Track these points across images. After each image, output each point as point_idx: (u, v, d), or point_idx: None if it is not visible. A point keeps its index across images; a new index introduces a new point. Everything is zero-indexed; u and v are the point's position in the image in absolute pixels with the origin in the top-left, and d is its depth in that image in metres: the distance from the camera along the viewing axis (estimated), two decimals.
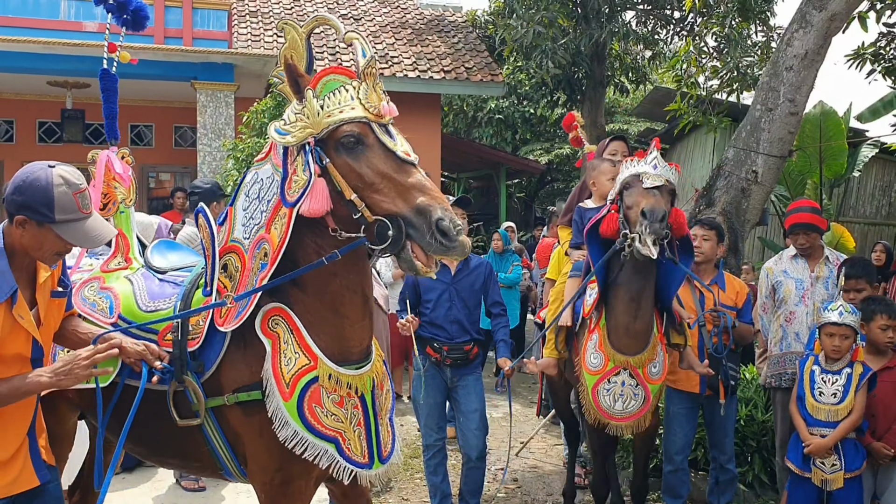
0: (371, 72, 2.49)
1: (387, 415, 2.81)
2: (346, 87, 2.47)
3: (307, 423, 2.56)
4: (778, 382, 4.73)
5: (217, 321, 2.64)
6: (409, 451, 6.42)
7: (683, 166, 13.77)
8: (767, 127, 5.92)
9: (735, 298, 4.69)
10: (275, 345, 2.59)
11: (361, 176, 2.42)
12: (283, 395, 2.55)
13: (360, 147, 2.43)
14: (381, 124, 2.48)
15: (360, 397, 2.67)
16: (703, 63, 8.26)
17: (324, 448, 2.58)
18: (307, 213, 2.44)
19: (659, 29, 14.75)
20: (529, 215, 19.07)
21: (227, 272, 2.67)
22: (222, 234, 2.72)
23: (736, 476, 4.77)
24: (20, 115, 12.04)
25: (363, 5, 16.02)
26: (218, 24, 11.56)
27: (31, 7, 10.59)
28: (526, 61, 13.46)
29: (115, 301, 2.92)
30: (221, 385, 2.66)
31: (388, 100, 2.52)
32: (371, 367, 2.72)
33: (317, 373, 2.58)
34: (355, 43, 2.53)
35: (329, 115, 2.44)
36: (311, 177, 2.44)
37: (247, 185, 2.70)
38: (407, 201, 2.36)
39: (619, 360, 4.03)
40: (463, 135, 18.20)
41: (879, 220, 12.53)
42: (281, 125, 2.53)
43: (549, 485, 5.70)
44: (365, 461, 2.66)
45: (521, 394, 8.87)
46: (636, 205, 3.72)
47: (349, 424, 2.63)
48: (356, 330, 2.66)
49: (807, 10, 5.83)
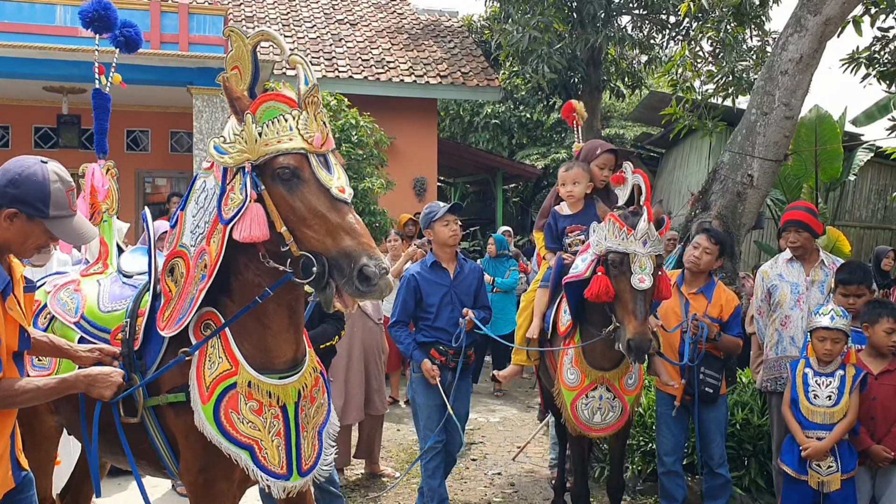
0: (313, 100, 2.47)
1: (314, 429, 2.80)
2: (286, 117, 2.45)
3: (222, 428, 2.59)
4: (774, 386, 4.73)
5: (159, 325, 2.69)
6: (406, 455, 6.41)
7: (679, 170, 13.83)
8: (763, 131, 5.93)
9: (720, 311, 4.67)
10: (202, 349, 2.64)
11: (294, 210, 2.43)
12: (202, 398, 2.60)
13: (296, 180, 2.43)
14: (319, 155, 2.47)
15: (282, 408, 2.67)
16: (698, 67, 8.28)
17: (237, 454, 2.60)
18: (240, 238, 2.45)
19: (654, 34, 14.81)
20: (526, 220, 19.07)
21: (174, 276, 2.71)
22: (173, 236, 2.77)
23: (729, 481, 4.75)
24: (16, 121, 12.02)
25: (359, 10, 16.04)
26: (214, 30, 11.54)
27: (27, 13, 10.56)
28: (522, 66, 13.49)
29: (82, 302, 3.03)
30: (159, 385, 2.71)
31: (329, 131, 2.52)
32: (299, 378, 2.72)
33: (236, 379, 2.61)
34: (299, 68, 2.51)
35: (267, 143, 2.44)
36: (247, 200, 2.44)
37: (196, 192, 2.72)
38: (335, 242, 2.37)
39: (595, 376, 4.13)
40: (459, 139, 18.21)
41: (875, 223, 12.56)
42: (220, 142, 2.53)
43: (545, 489, 5.69)
44: (282, 472, 2.66)
45: (518, 398, 8.87)
46: (624, 304, 3.79)
47: (267, 433, 2.63)
48: (279, 341, 2.67)
49: (801, 15, 5.85)
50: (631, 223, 3.81)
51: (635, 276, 3.73)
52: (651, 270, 3.74)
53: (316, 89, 2.47)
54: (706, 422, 4.66)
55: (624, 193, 4.18)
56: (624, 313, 3.78)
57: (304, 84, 2.48)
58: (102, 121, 3.52)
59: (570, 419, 4.20)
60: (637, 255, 3.74)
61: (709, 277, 4.77)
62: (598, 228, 4.01)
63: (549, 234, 4.73)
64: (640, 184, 4.02)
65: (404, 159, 13.00)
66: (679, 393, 4.60)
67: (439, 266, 4.67)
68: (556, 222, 4.67)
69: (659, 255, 3.83)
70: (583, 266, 4.10)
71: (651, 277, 3.74)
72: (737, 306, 4.75)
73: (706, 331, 4.50)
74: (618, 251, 3.81)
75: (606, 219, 3.91)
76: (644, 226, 3.77)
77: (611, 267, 3.85)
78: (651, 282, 3.73)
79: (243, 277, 2.62)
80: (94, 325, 2.93)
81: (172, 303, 2.68)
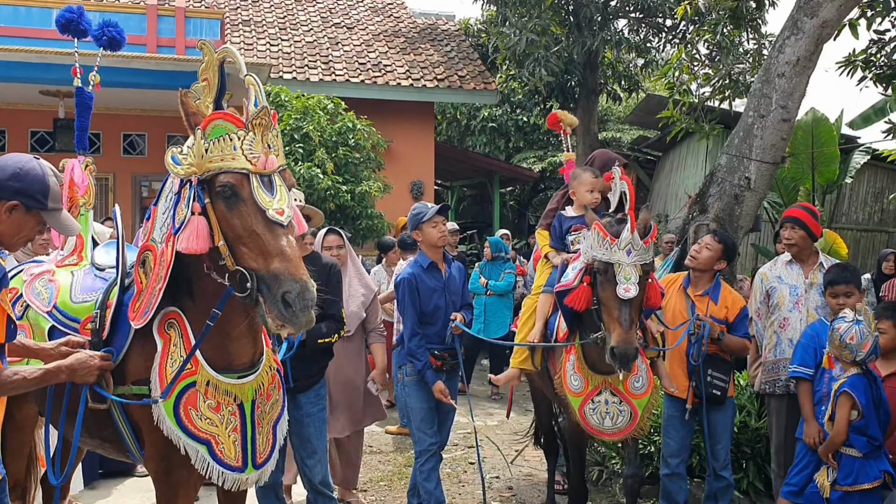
0: (260, 122, 2.52)
1: (269, 424, 2.93)
2: (231, 136, 2.51)
3: (181, 424, 2.71)
4: (772, 389, 4.73)
5: (130, 315, 2.80)
6: (404, 459, 6.40)
7: (676, 173, 13.83)
8: (760, 133, 5.93)
9: (726, 312, 4.68)
10: (165, 346, 2.75)
11: (232, 227, 2.51)
12: None
13: (235, 199, 2.50)
14: (263, 176, 2.52)
15: (240, 405, 2.80)
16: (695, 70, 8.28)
17: (195, 448, 2.72)
18: (183, 249, 2.54)
19: (651, 37, 14.83)
20: (523, 223, 19.07)
21: (145, 268, 2.80)
22: (146, 229, 2.87)
23: (731, 484, 4.75)
24: (12, 125, 12.00)
25: (356, 14, 16.05)
26: (211, 33, 11.55)
27: (23, 16, 10.56)
28: (519, 69, 13.50)
29: (55, 292, 3.16)
30: (125, 375, 2.83)
31: (276, 153, 2.56)
32: (256, 377, 2.85)
33: (196, 378, 2.73)
34: (251, 89, 2.56)
35: (211, 160, 2.52)
36: (188, 213, 2.54)
37: (166, 191, 2.81)
38: (265, 263, 2.44)
39: (597, 381, 4.13)
40: (456, 143, 18.21)
41: (872, 226, 12.58)
42: (178, 153, 2.62)
43: (543, 492, 5.68)
44: (238, 465, 2.79)
45: (517, 402, 8.84)
46: (609, 312, 3.79)
47: (224, 429, 2.76)
48: (237, 346, 2.80)
49: (798, 18, 5.86)
50: (615, 232, 3.80)
51: (620, 286, 3.72)
52: (636, 280, 3.73)
53: (265, 112, 2.53)
54: (713, 424, 4.64)
55: (613, 200, 4.18)
56: (609, 321, 3.78)
57: (254, 105, 2.54)
58: (84, 118, 3.64)
59: (580, 426, 4.18)
60: (621, 265, 3.74)
61: (713, 279, 4.77)
62: (586, 236, 4.01)
63: (554, 234, 4.77)
64: (625, 191, 4.04)
65: (401, 162, 13.00)
66: (690, 395, 4.59)
67: (435, 267, 4.66)
68: (560, 224, 4.70)
69: (646, 263, 3.81)
70: (572, 275, 4.12)
71: (636, 287, 3.72)
72: (743, 307, 4.74)
73: (708, 329, 4.49)
74: (602, 260, 3.81)
75: (592, 227, 3.91)
76: (627, 235, 3.76)
77: (597, 275, 3.86)
78: (636, 290, 3.72)
79: (203, 284, 2.71)
80: (66, 315, 3.06)
81: (143, 295, 2.78)
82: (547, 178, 18.25)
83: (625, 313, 3.72)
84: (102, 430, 2.97)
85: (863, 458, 3.87)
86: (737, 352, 4.74)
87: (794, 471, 4.27)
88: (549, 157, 17.76)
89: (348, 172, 9.86)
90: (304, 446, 4.22)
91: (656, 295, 4.04)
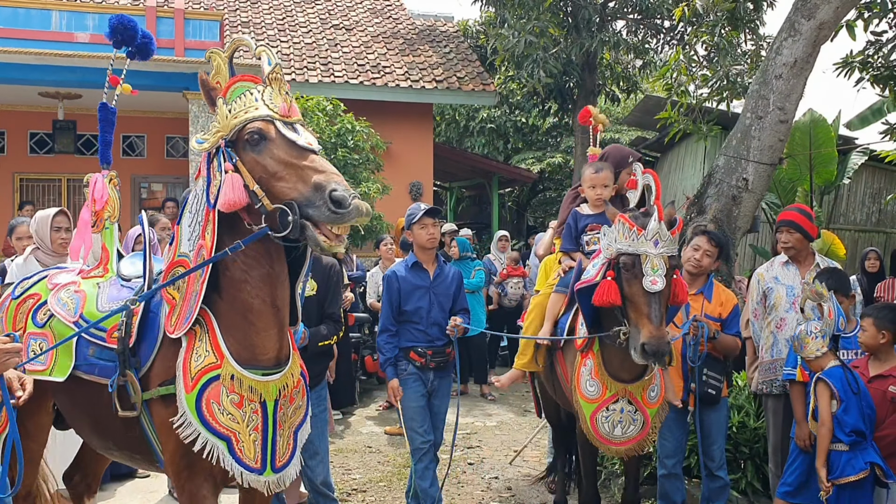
0: (276, 77, 2.65)
1: (291, 429, 2.90)
2: (252, 91, 2.65)
3: (202, 417, 2.68)
4: (769, 389, 4.74)
5: (167, 329, 2.79)
6: (404, 460, 6.41)
7: (675, 174, 13.85)
8: (757, 135, 5.94)
9: (720, 310, 4.65)
10: (191, 341, 2.75)
11: (265, 167, 2.57)
12: (186, 387, 2.70)
13: (264, 142, 2.58)
14: (286, 122, 2.62)
15: (262, 403, 2.75)
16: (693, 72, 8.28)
17: (214, 443, 2.69)
18: (222, 206, 2.59)
19: (649, 38, 14.85)
20: (522, 224, 19.09)
21: (176, 285, 2.81)
22: (171, 251, 2.88)
23: (727, 484, 4.74)
24: (11, 126, 12.02)
25: (355, 15, 16.07)
26: (210, 35, 11.55)
27: (23, 18, 10.55)
28: (517, 71, 13.51)
29: (81, 303, 3.17)
30: (150, 380, 2.84)
31: (293, 101, 2.69)
32: (281, 377, 2.81)
33: (220, 371, 2.71)
34: (263, 55, 2.67)
35: (235, 116, 2.62)
36: (222, 174, 2.61)
37: (190, 203, 2.85)
38: (305, 182, 2.48)
39: (618, 388, 3.96)
40: (455, 144, 18.23)
41: (870, 227, 12.60)
42: (202, 135, 2.72)
43: (542, 493, 5.70)
44: (256, 466, 2.75)
45: (514, 403, 8.87)
46: (637, 307, 3.62)
47: (245, 426, 2.73)
48: (263, 338, 2.76)
49: (795, 19, 5.87)
50: (641, 223, 3.67)
51: (647, 279, 3.56)
52: (664, 272, 3.58)
53: (279, 68, 2.65)
54: (707, 424, 4.64)
55: (635, 195, 4.07)
56: (638, 317, 3.60)
57: (268, 64, 2.66)
58: (107, 133, 3.63)
59: (589, 432, 4.05)
60: (649, 256, 3.59)
61: (707, 278, 4.75)
62: (608, 232, 3.86)
63: (567, 234, 4.61)
64: (650, 184, 3.92)
65: (400, 164, 13.02)
66: (689, 397, 4.58)
67: (420, 267, 4.67)
68: (576, 222, 4.55)
69: (673, 255, 3.67)
70: (593, 271, 3.97)
71: (664, 279, 3.57)
72: (735, 305, 4.74)
73: (707, 330, 4.44)
74: (629, 252, 3.65)
75: (616, 220, 3.77)
76: (655, 225, 3.61)
77: (622, 270, 3.69)
78: (664, 283, 3.57)
79: (230, 273, 2.72)
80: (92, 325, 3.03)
81: (178, 308, 2.77)
82: (546, 179, 18.28)
83: (654, 308, 3.55)
84: (130, 440, 2.94)
85: (848, 450, 3.89)
86: (728, 350, 4.68)
87: (788, 470, 4.29)
88: (547, 158, 17.79)
89: (347, 174, 9.87)
90: (305, 447, 4.21)
91: (683, 291, 3.89)
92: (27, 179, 12.11)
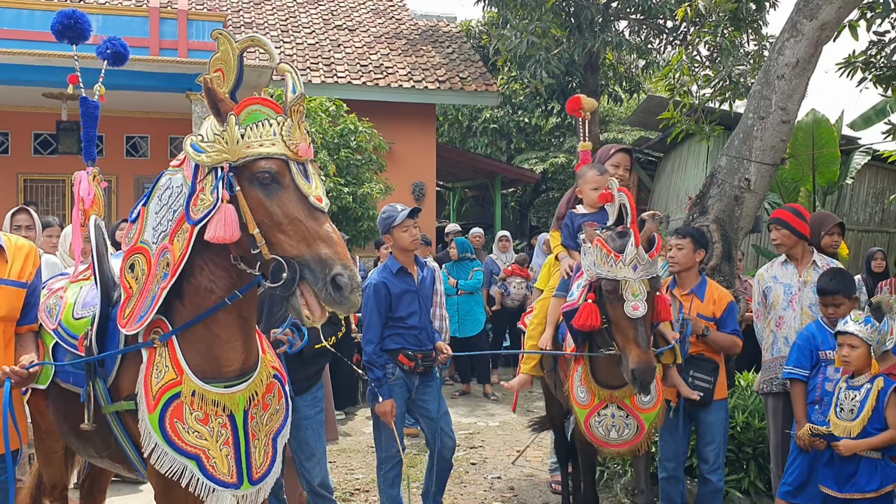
0: (298, 109, 2.47)
1: (268, 436, 2.79)
2: (271, 121, 2.45)
3: (167, 437, 2.59)
4: (770, 388, 4.74)
5: (119, 322, 2.68)
6: (406, 460, 6.40)
7: (677, 174, 13.84)
8: (760, 135, 5.94)
9: (714, 308, 4.62)
10: (151, 357, 2.64)
11: (271, 214, 2.43)
12: (149, 406, 2.61)
13: (275, 185, 2.43)
14: (299, 163, 2.47)
15: (230, 416, 2.66)
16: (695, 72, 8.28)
17: (183, 464, 2.60)
18: (213, 239, 2.43)
19: (652, 38, 14.84)
20: (524, 224, 19.10)
21: (134, 273, 2.70)
22: (133, 232, 2.76)
23: (720, 489, 4.64)
24: (15, 127, 12.05)
25: (358, 16, 16.09)
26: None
27: (26, 19, 10.58)
28: (520, 71, 13.52)
29: (62, 309, 3.07)
30: (119, 390, 2.75)
31: (310, 141, 2.52)
32: (248, 385, 2.70)
33: (181, 388, 2.60)
34: (287, 76, 2.51)
35: (248, 146, 2.43)
36: (218, 202, 2.44)
37: (160, 189, 2.72)
38: (311, 248, 2.37)
39: (604, 395, 4.04)
40: (458, 144, 18.24)
41: (873, 227, 12.57)
42: (197, 141, 2.51)
43: (545, 493, 5.71)
44: (232, 480, 2.65)
45: (518, 403, 8.86)
46: (623, 332, 3.66)
47: (214, 442, 2.63)
48: (227, 350, 2.66)
49: (797, 20, 5.87)
50: (618, 247, 3.68)
51: (629, 304, 3.59)
52: (644, 296, 3.61)
53: (303, 98, 2.48)
54: (700, 425, 4.62)
55: (612, 212, 4.11)
56: (625, 342, 3.64)
57: (292, 92, 2.48)
58: (90, 128, 3.53)
59: (585, 436, 4.12)
60: (629, 282, 3.62)
61: (699, 277, 4.74)
62: (587, 252, 3.86)
63: (566, 232, 4.63)
64: (625, 203, 3.94)
65: (403, 164, 13.03)
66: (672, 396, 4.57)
67: (405, 272, 4.58)
68: (572, 222, 4.58)
69: (653, 277, 3.70)
70: (577, 294, 4.00)
71: (645, 304, 3.61)
72: (730, 302, 4.68)
73: (689, 327, 4.40)
74: (608, 278, 3.68)
75: (594, 243, 3.78)
76: (631, 250, 3.62)
77: (604, 293, 3.74)
78: (644, 308, 3.60)
79: (196, 281, 2.60)
80: (68, 332, 2.97)
81: (133, 300, 2.67)
82: (548, 180, 18.28)
83: (640, 331, 3.59)
84: (108, 449, 2.89)
85: (881, 459, 3.86)
86: (726, 349, 4.64)
87: (788, 470, 4.29)
88: (550, 159, 17.79)
89: (350, 174, 9.89)
90: (302, 449, 4.22)
91: (666, 308, 3.91)
92: (31, 180, 12.14)
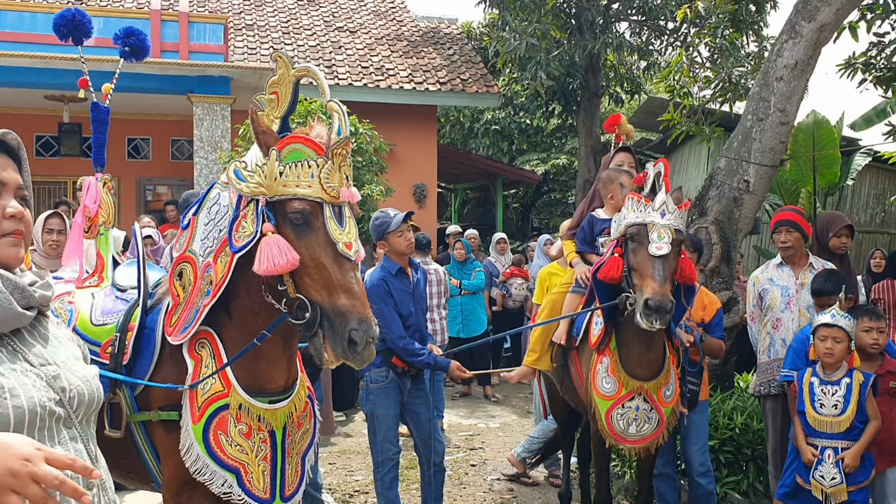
0: (340, 152, 2.44)
1: (298, 455, 2.82)
2: (310, 163, 2.42)
3: (210, 449, 2.61)
4: (767, 390, 4.76)
5: (166, 330, 2.70)
6: (405, 461, 6.43)
7: (678, 176, 13.85)
8: (759, 137, 5.96)
9: (703, 314, 4.64)
10: (196, 367, 2.66)
11: (299, 255, 2.42)
12: (193, 417, 2.63)
13: (305, 227, 2.42)
14: (335, 206, 2.45)
15: (270, 432, 2.68)
16: (695, 73, 8.29)
17: (223, 477, 2.61)
18: (266, 272, 2.40)
19: (653, 39, 14.84)
20: (526, 225, 19.12)
21: (182, 281, 2.72)
22: (183, 239, 2.77)
23: (710, 493, 4.65)
24: (17, 129, 11.75)
25: (359, 18, 16.11)
26: (214, 38, 11.61)
27: (28, 22, 10.63)
28: (521, 73, 13.54)
29: (75, 314, 3.04)
30: (150, 401, 2.75)
31: (351, 184, 2.50)
32: (288, 403, 2.73)
33: (228, 401, 2.63)
34: (335, 116, 2.48)
35: (285, 184, 2.42)
36: (257, 233, 2.44)
37: (209, 201, 2.72)
38: (330, 297, 2.36)
39: (634, 386, 3.97)
40: (459, 146, 18.26)
41: (874, 228, 12.57)
42: (241, 168, 2.49)
43: (544, 494, 5.72)
44: (266, 496, 2.67)
45: (517, 404, 8.89)
46: (641, 272, 3.65)
47: (254, 457, 2.65)
48: (272, 368, 2.69)
49: (796, 22, 5.88)
50: (649, 196, 3.76)
51: (653, 245, 3.61)
52: (669, 240, 3.64)
53: (347, 142, 2.45)
54: (685, 426, 4.59)
55: (647, 184, 4.04)
56: (642, 279, 3.63)
57: (337, 134, 2.45)
58: (100, 134, 3.48)
59: (603, 429, 4.06)
60: (655, 225, 3.65)
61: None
62: (617, 217, 3.93)
63: (581, 236, 4.62)
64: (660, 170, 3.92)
65: (404, 166, 13.05)
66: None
67: (403, 273, 4.59)
68: (591, 226, 4.56)
69: (679, 229, 3.71)
70: (605, 251, 4.07)
71: (669, 246, 3.63)
72: (718, 309, 4.73)
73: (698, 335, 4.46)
74: (636, 223, 3.72)
75: (626, 199, 3.85)
76: (662, 196, 3.69)
77: (628, 241, 3.76)
78: (668, 249, 3.61)
79: (241, 302, 2.63)
80: (85, 338, 2.92)
81: (180, 309, 2.69)
82: (550, 181, 18.32)
83: (658, 270, 3.58)
84: (123, 459, 2.84)
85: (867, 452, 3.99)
86: (713, 353, 4.67)
87: (786, 472, 4.30)
88: (552, 160, 17.82)
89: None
90: None
91: (690, 268, 3.89)
92: (33, 182, 12.14)
